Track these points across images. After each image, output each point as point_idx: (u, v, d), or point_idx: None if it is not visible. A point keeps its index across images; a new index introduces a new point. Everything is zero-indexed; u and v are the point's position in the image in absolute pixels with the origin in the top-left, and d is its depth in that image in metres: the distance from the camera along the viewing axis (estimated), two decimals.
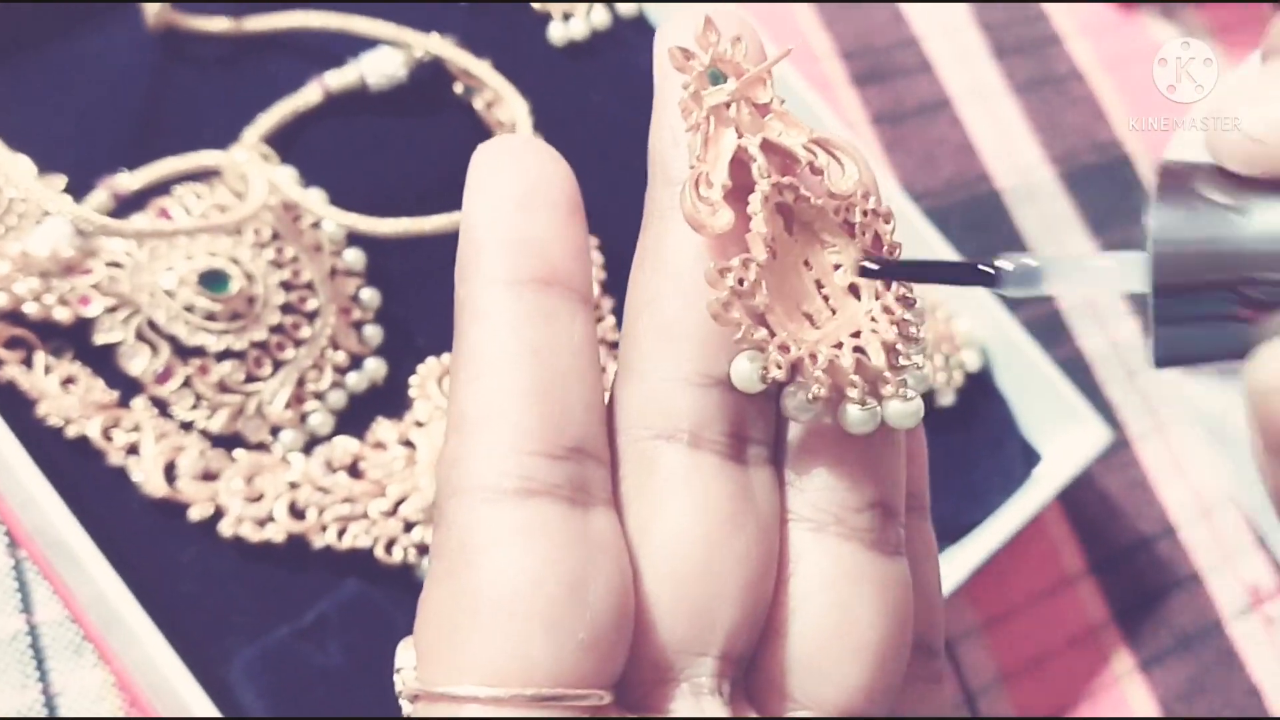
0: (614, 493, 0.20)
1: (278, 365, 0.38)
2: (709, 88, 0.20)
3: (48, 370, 0.36)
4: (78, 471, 0.35)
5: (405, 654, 0.19)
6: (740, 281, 0.19)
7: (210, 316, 0.37)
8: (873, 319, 0.21)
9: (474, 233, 0.20)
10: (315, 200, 0.40)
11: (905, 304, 0.21)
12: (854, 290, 0.21)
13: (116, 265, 0.37)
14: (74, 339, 0.37)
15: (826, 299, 0.21)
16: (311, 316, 0.39)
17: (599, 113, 0.48)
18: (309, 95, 0.42)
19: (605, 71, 0.49)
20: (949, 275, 0.23)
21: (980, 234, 0.54)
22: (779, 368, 0.19)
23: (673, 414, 0.20)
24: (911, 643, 0.22)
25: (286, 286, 0.39)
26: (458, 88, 0.45)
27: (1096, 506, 0.50)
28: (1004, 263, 0.20)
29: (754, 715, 0.20)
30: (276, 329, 0.38)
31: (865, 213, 0.21)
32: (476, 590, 0.18)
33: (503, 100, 0.44)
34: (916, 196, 0.53)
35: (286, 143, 0.41)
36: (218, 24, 0.42)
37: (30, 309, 0.36)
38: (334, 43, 0.43)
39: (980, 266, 0.21)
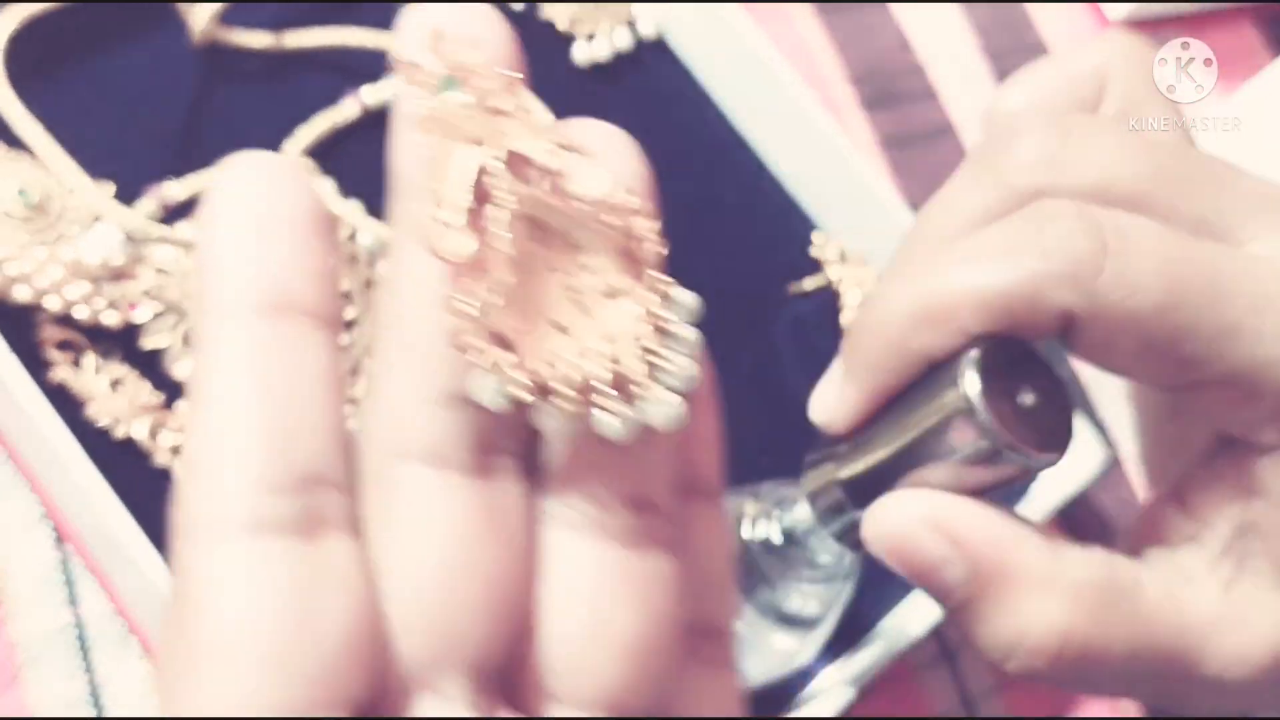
0: (360, 516, 0.20)
1: None
2: (445, 98, 0.19)
3: (97, 372, 0.37)
4: (125, 470, 0.37)
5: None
6: (480, 307, 0.19)
7: None
8: (632, 321, 0.20)
9: (204, 261, 0.19)
10: (353, 212, 0.41)
11: (667, 302, 0.20)
12: (613, 293, 0.20)
13: (164, 272, 0.38)
14: (122, 343, 0.38)
15: (582, 306, 0.20)
16: (349, 325, 0.40)
17: None
18: (347, 110, 0.43)
19: (626, 92, 0.51)
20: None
21: None
22: (524, 389, 0.19)
23: (415, 434, 0.20)
24: (694, 627, 0.22)
25: None
26: None
27: (1088, 523, 0.52)
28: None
29: (508, 716, 0.20)
30: None
31: (621, 212, 0.20)
32: (200, 634, 0.18)
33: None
34: None
35: (325, 156, 0.43)
36: (259, 39, 0.43)
37: (81, 313, 0.37)
38: (371, 60, 0.44)
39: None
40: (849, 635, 0.44)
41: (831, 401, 0.27)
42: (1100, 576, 0.25)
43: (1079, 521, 0.52)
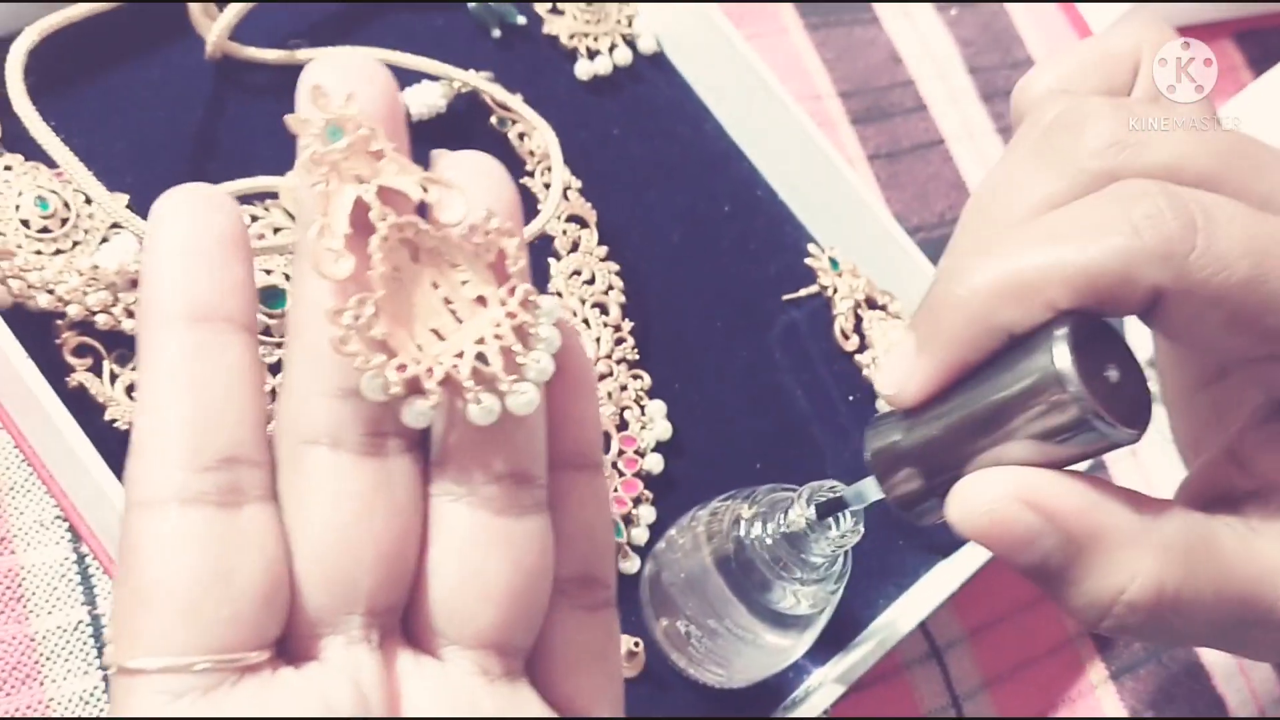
0: (275, 489, 0.24)
1: None
2: (327, 145, 0.23)
3: (114, 378, 0.38)
4: None
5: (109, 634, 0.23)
6: (357, 317, 0.22)
7: (265, 331, 0.39)
8: (497, 324, 0.24)
9: (144, 277, 0.23)
10: None
11: (528, 307, 0.24)
12: (483, 300, 0.24)
13: None
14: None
15: (455, 314, 0.24)
16: None
17: (619, 143, 0.51)
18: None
19: (626, 105, 0.52)
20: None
21: None
22: (398, 385, 0.23)
23: (315, 422, 0.23)
24: (577, 578, 0.26)
25: None
26: (493, 119, 0.48)
27: None
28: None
29: (408, 652, 0.25)
30: None
31: (488, 233, 0.24)
32: (139, 585, 0.22)
33: (534, 131, 0.47)
34: (912, 230, 0.56)
35: None
36: (271, 54, 0.44)
37: (100, 320, 0.38)
38: None
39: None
40: (840, 634, 0.45)
41: (903, 374, 0.27)
42: (1185, 530, 0.25)
43: None
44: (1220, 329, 0.25)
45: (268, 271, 0.40)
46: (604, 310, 0.47)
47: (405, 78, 0.45)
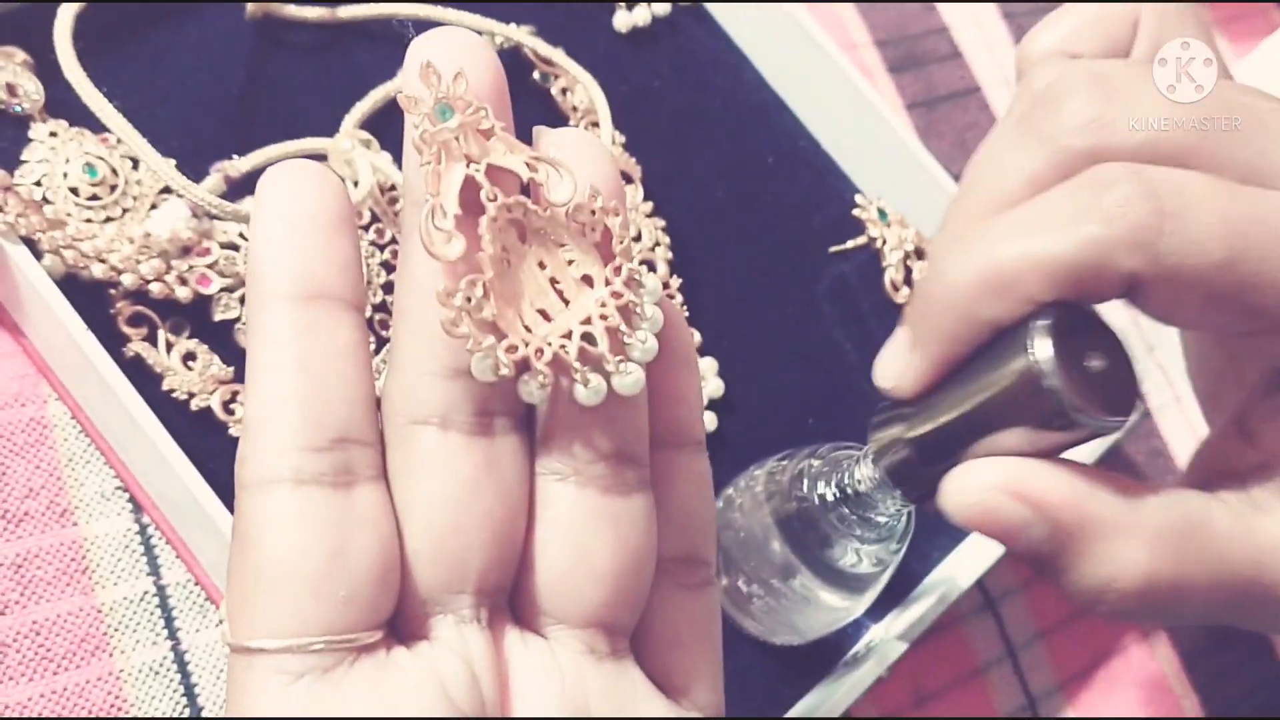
0: (385, 469, 0.24)
1: (381, 342, 0.40)
2: (437, 124, 0.22)
3: (169, 347, 0.38)
4: (202, 442, 0.37)
5: (224, 611, 0.23)
6: (468, 299, 0.22)
7: None
8: (602, 304, 0.23)
9: (253, 255, 0.23)
10: None
11: (633, 286, 0.24)
12: (589, 280, 0.24)
13: (232, 247, 0.39)
14: (191, 315, 0.38)
15: (561, 293, 0.23)
16: None
17: (660, 96, 0.50)
18: (400, 82, 0.43)
19: (666, 57, 0.51)
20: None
21: None
22: (507, 366, 0.22)
23: (425, 402, 0.23)
24: (678, 557, 0.26)
25: (387, 267, 0.41)
26: (535, 74, 0.47)
27: (1121, 472, 0.53)
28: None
29: (515, 631, 0.24)
30: (379, 307, 0.40)
31: (594, 211, 0.23)
32: (257, 566, 0.22)
33: (577, 86, 0.46)
34: (953, 178, 0.56)
35: (378, 127, 0.43)
36: (313, 12, 0.43)
37: (154, 288, 0.38)
38: (420, 31, 0.44)
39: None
40: (896, 588, 0.45)
41: (898, 368, 0.28)
42: (1176, 517, 0.26)
43: (1109, 468, 0.53)
44: (1201, 309, 0.25)
45: None
46: (651, 267, 0.46)
47: None
